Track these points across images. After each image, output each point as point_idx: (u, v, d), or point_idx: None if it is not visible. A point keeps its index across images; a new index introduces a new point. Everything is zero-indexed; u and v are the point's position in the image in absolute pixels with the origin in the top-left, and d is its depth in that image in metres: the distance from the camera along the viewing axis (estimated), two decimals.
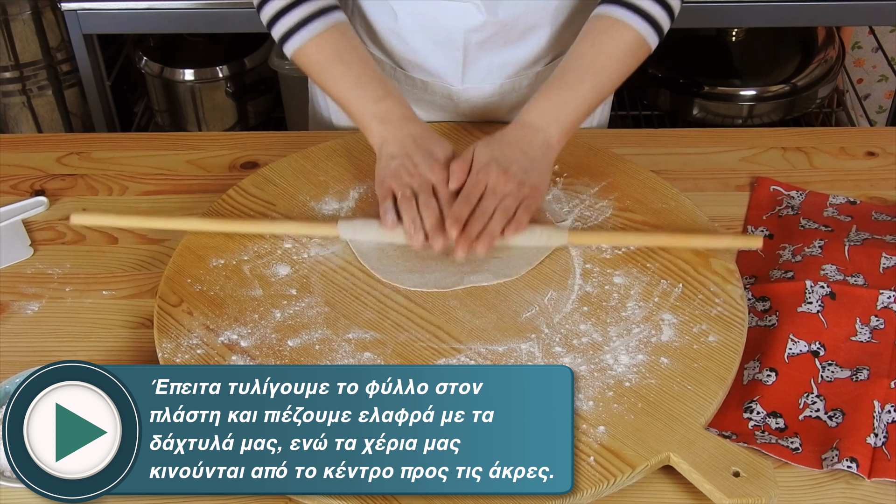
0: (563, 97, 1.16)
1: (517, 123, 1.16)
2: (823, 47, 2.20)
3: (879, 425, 0.96)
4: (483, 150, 1.14)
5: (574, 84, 1.16)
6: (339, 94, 1.20)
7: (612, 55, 1.17)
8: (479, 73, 1.31)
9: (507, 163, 1.12)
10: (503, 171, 1.11)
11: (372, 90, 1.18)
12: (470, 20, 1.24)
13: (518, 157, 1.12)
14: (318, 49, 1.19)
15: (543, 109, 1.16)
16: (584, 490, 0.90)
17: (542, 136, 1.14)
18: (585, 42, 1.18)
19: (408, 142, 1.15)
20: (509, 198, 1.10)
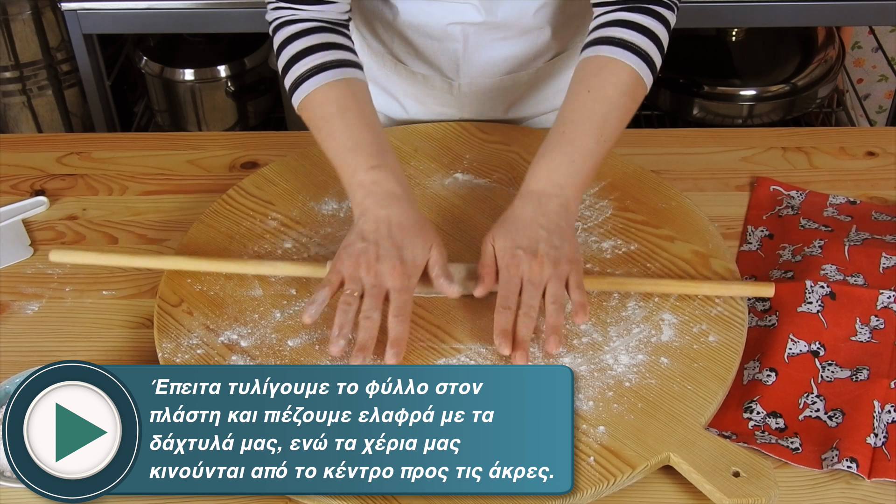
0: (568, 156, 1.08)
1: (527, 195, 1.08)
2: (823, 47, 2.20)
3: (879, 425, 0.96)
4: (501, 240, 1.05)
5: (575, 140, 1.09)
6: (333, 152, 1.12)
7: (610, 99, 1.10)
8: (479, 68, 1.31)
9: (532, 245, 1.04)
10: (533, 257, 1.03)
11: (366, 157, 1.09)
12: (468, 19, 1.24)
13: (542, 234, 1.05)
14: (323, 101, 1.12)
15: (550, 174, 1.08)
16: (584, 490, 0.90)
17: (557, 200, 1.07)
18: (580, 89, 1.12)
19: (383, 226, 1.05)
20: (553, 283, 1.02)
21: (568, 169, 1.08)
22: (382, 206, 1.06)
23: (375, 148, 1.10)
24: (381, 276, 1.02)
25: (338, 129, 1.11)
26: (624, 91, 1.10)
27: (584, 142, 1.09)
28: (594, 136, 1.09)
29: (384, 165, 1.09)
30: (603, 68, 1.11)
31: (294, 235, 1.17)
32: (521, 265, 1.03)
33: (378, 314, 1.00)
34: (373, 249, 1.03)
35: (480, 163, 1.28)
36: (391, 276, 1.02)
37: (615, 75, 1.11)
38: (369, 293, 1.01)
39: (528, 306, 1.01)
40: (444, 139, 1.32)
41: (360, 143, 1.10)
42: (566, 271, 1.03)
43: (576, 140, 1.09)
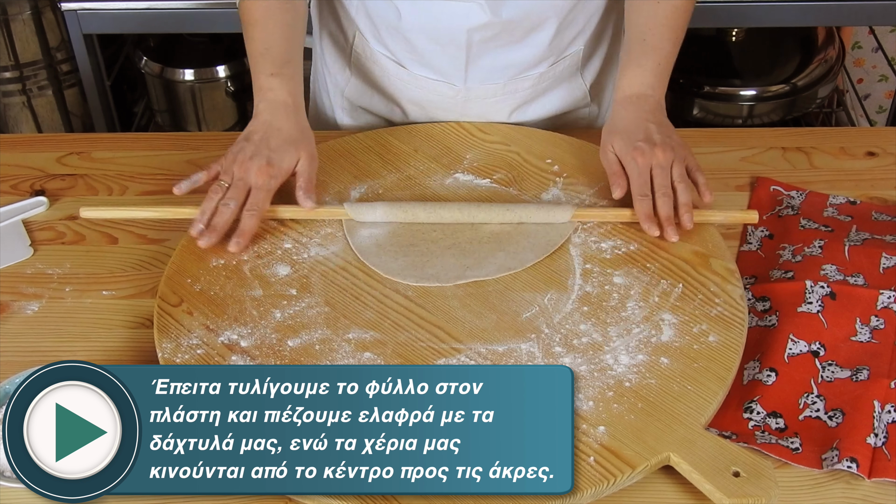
0: (654, 61, 1.20)
1: (624, 99, 1.20)
2: (823, 47, 2.20)
3: (879, 425, 0.96)
4: (619, 140, 1.16)
5: (658, 45, 1.21)
6: (249, 55, 1.22)
7: (678, 7, 1.22)
8: (482, 73, 1.31)
9: (649, 138, 1.15)
10: (654, 146, 1.14)
11: (269, 64, 1.19)
12: (473, 20, 1.24)
13: (650, 128, 1.16)
14: (253, 6, 1.22)
15: (641, 78, 1.20)
16: (584, 490, 0.90)
17: (652, 100, 1.19)
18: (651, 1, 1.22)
19: (263, 130, 1.16)
20: (676, 166, 1.14)
21: (656, 72, 1.21)
22: (269, 112, 1.18)
23: (280, 58, 1.20)
24: (247, 172, 1.14)
25: (256, 35, 1.22)
26: (688, 6, 1.23)
27: (664, 47, 1.21)
28: (672, 40, 1.22)
29: (282, 74, 1.19)
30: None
31: (294, 235, 1.17)
32: (646, 154, 1.14)
33: (235, 204, 1.12)
34: (249, 149, 1.15)
35: (480, 163, 1.28)
36: (256, 174, 1.13)
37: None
38: (234, 185, 1.13)
39: (663, 186, 1.13)
40: (444, 139, 1.32)
41: (268, 49, 1.20)
42: (684, 154, 1.15)
43: (658, 46, 1.21)
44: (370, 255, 1.13)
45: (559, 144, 1.30)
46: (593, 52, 1.37)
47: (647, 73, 1.21)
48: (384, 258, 1.12)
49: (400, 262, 1.12)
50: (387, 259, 1.12)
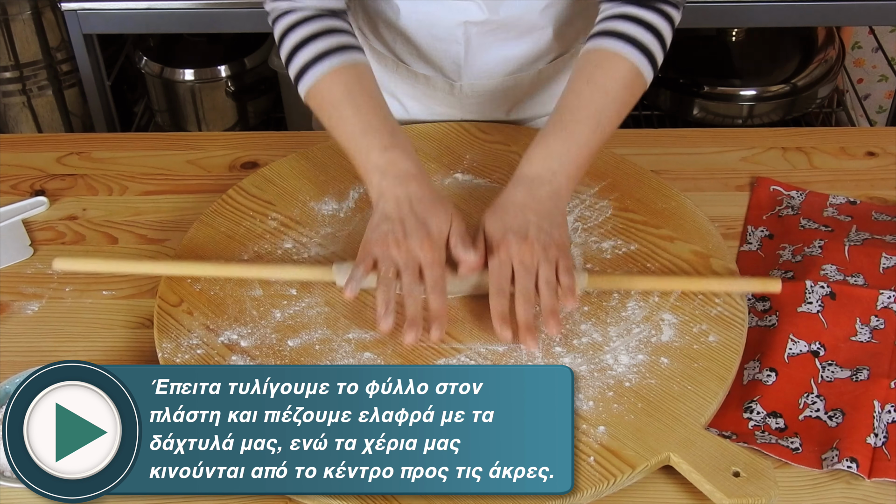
0: (565, 144, 1.10)
1: (519, 178, 1.09)
2: (823, 47, 2.20)
3: (879, 425, 0.96)
4: (492, 223, 1.06)
5: (572, 128, 1.10)
6: (345, 138, 1.13)
7: (609, 92, 1.11)
8: (481, 70, 1.31)
9: (523, 229, 1.04)
10: (523, 240, 1.03)
11: (379, 138, 1.10)
12: (471, 17, 1.24)
13: (532, 219, 1.05)
14: (331, 87, 1.13)
15: (545, 159, 1.09)
16: (584, 490, 0.90)
17: (549, 187, 1.08)
18: (580, 80, 1.13)
19: (405, 204, 1.06)
20: (543, 266, 1.03)
21: (563, 156, 1.09)
22: (400, 185, 1.07)
23: (387, 129, 1.11)
24: (412, 252, 1.04)
25: (348, 114, 1.12)
26: (623, 84, 1.12)
27: (580, 130, 1.10)
28: (591, 127, 1.10)
29: (396, 145, 1.10)
30: (604, 60, 1.12)
31: (294, 235, 1.17)
32: (511, 248, 1.03)
33: (419, 289, 1.03)
34: (399, 227, 1.05)
35: (480, 163, 1.28)
36: (422, 250, 1.04)
37: (615, 68, 1.12)
38: (405, 270, 1.03)
39: (523, 288, 1.02)
40: (444, 139, 1.32)
41: (371, 125, 1.11)
42: (555, 255, 1.04)
43: (573, 128, 1.10)
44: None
45: None
46: None
47: (552, 156, 1.09)
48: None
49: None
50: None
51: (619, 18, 1.13)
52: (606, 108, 1.11)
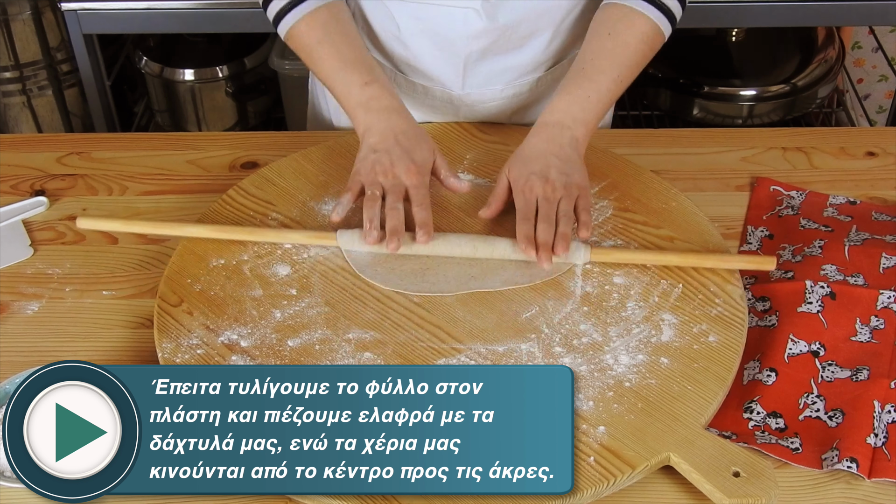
0: (585, 92, 1.15)
1: (541, 125, 1.15)
2: (823, 47, 2.20)
3: (879, 425, 0.96)
4: (516, 167, 1.14)
5: (594, 77, 1.15)
6: (325, 75, 1.19)
7: (629, 45, 1.16)
8: (480, 79, 1.31)
9: (545, 171, 1.11)
10: (545, 181, 1.11)
11: (358, 74, 1.17)
12: (470, 26, 1.23)
13: (554, 162, 1.12)
14: (308, 28, 1.19)
15: (566, 107, 1.15)
16: (584, 490, 0.90)
17: (569, 133, 1.14)
18: (601, 32, 1.17)
19: (389, 136, 1.14)
20: (564, 201, 1.10)
21: (584, 104, 1.14)
22: (383, 120, 1.15)
23: (365, 65, 1.18)
24: (398, 178, 1.12)
25: (326, 53, 1.18)
26: (642, 39, 1.16)
27: (601, 80, 1.15)
28: (611, 76, 1.15)
29: (376, 80, 1.17)
30: (624, 16, 1.17)
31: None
32: (535, 188, 1.10)
33: (402, 206, 1.10)
34: (385, 157, 1.12)
35: (480, 163, 1.28)
36: (407, 175, 1.12)
37: (635, 24, 1.17)
38: (390, 191, 1.11)
39: (545, 215, 1.09)
40: (444, 139, 1.32)
41: (349, 62, 1.17)
42: (576, 194, 1.10)
43: (594, 78, 1.15)
44: (367, 269, 1.11)
45: None
46: None
47: (573, 103, 1.15)
48: (380, 270, 1.11)
49: (398, 271, 1.11)
50: (383, 271, 1.11)
51: None
52: (627, 60, 1.16)
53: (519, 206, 1.11)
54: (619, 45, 1.16)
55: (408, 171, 1.12)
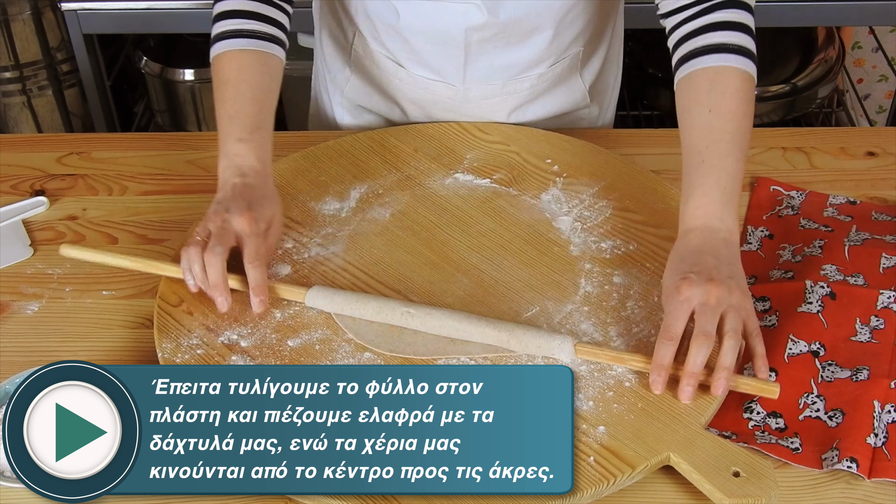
0: (719, 185, 1.04)
1: (689, 233, 1.03)
2: (823, 47, 2.20)
3: (879, 425, 0.96)
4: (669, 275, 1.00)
5: (719, 164, 1.04)
6: (217, 117, 1.16)
7: (734, 112, 1.06)
8: (481, 74, 1.31)
9: (707, 272, 0.98)
10: (708, 280, 0.97)
11: (239, 129, 1.13)
12: (471, 20, 1.23)
13: (714, 263, 0.99)
14: (227, 63, 1.16)
15: (707, 207, 1.03)
16: (584, 490, 0.90)
17: (722, 234, 1.02)
18: (701, 112, 1.07)
19: (235, 190, 1.09)
20: (730, 313, 0.95)
21: (721, 197, 1.03)
22: (238, 176, 1.10)
23: (251, 122, 1.14)
24: (227, 222, 1.06)
25: (227, 95, 1.15)
26: (742, 98, 1.07)
27: (726, 164, 1.05)
28: (734, 156, 1.05)
29: (251, 140, 1.12)
30: (714, 82, 1.07)
31: (294, 235, 1.17)
32: (694, 287, 0.96)
33: (221, 249, 1.03)
34: (222, 206, 1.07)
35: (480, 163, 1.28)
36: (239, 221, 1.05)
37: (729, 85, 1.07)
38: (216, 235, 1.05)
39: (705, 331, 0.94)
40: (444, 139, 1.32)
41: (239, 113, 1.14)
42: (743, 306, 0.96)
43: (720, 165, 1.04)
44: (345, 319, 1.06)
45: (559, 144, 1.30)
46: (593, 52, 1.36)
47: (713, 202, 1.03)
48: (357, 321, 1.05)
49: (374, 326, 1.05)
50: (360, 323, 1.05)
51: (701, 32, 1.09)
52: (739, 130, 1.06)
53: (667, 315, 0.96)
54: (724, 118, 1.05)
55: (240, 217, 1.05)
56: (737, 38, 1.08)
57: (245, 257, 1.05)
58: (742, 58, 1.08)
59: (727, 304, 0.96)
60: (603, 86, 1.42)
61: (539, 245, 1.15)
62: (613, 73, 1.44)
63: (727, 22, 1.09)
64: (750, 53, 1.09)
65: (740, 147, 1.06)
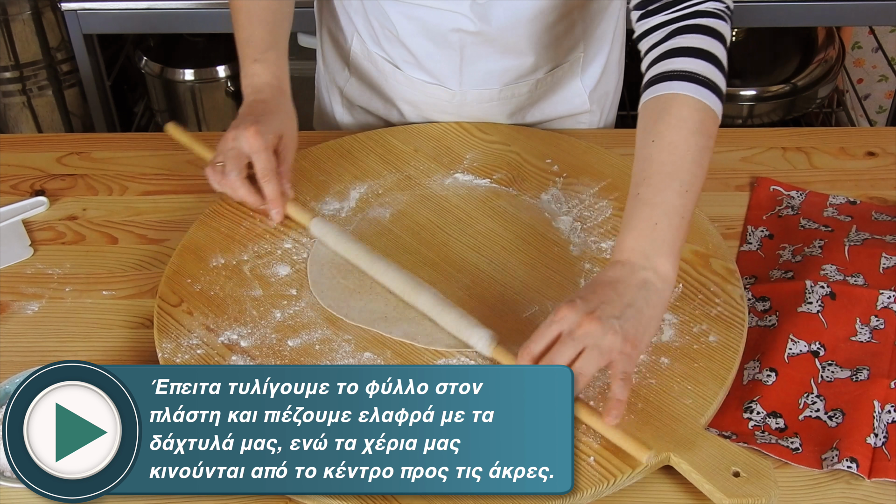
0: (649, 220, 0.97)
1: (612, 264, 0.97)
2: (823, 47, 2.20)
3: (879, 425, 0.96)
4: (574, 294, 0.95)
5: (652, 200, 0.97)
6: (236, 42, 1.24)
7: (677, 144, 0.98)
8: (477, 78, 1.31)
9: (594, 303, 0.92)
10: (588, 313, 0.91)
11: (252, 50, 1.20)
12: (463, 26, 1.24)
13: (612, 298, 0.93)
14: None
15: (634, 243, 0.97)
16: (584, 490, 0.90)
17: (641, 275, 0.95)
18: (645, 141, 1.00)
19: (249, 107, 1.17)
20: (590, 353, 0.90)
21: (652, 235, 0.96)
22: (254, 93, 1.19)
23: (263, 44, 1.21)
24: (237, 140, 1.12)
25: (240, 22, 1.23)
26: (691, 130, 0.98)
27: (662, 200, 0.97)
28: (673, 190, 0.97)
29: (265, 60, 1.20)
30: (662, 111, 1.00)
31: (294, 235, 1.17)
32: (570, 314, 0.91)
33: (235, 172, 1.13)
34: (236, 123, 1.14)
35: (480, 163, 1.28)
36: (245, 137, 1.12)
37: (677, 115, 0.99)
38: (228, 156, 1.13)
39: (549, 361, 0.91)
40: (444, 139, 1.32)
41: (252, 37, 1.21)
42: (615, 349, 0.90)
43: (653, 201, 0.97)
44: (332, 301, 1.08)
45: (559, 144, 1.30)
46: (592, 58, 1.36)
47: (639, 238, 0.96)
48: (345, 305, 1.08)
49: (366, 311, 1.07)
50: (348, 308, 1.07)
51: (665, 57, 1.02)
52: (683, 162, 0.98)
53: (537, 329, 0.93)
54: (665, 150, 0.98)
55: (248, 136, 1.11)
56: (698, 65, 1.00)
57: (257, 174, 1.13)
58: (698, 86, 1.00)
59: (592, 342, 0.90)
60: (603, 91, 1.41)
61: (539, 245, 1.15)
62: (614, 78, 1.43)
63: (691, 48, 1.01)
64: (709, 83, 1.00)
65: (680, 181, 0.97)
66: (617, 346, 0.91)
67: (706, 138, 1.00)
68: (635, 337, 0.92)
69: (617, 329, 0.91)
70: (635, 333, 0.92)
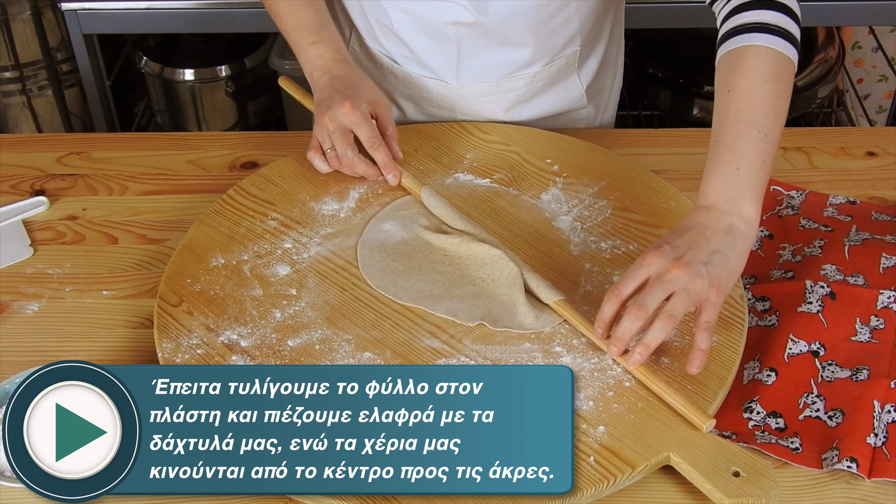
0: (730, 166, 1.00)
1: (696, 210, 1.00)
2: (823, 47, 2.20)
3: (879, 425, 0.96)
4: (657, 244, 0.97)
5: (732, 146, 1.00)
6: (283, 32, 1.27)
7: (754, 93, 1.01)
8: (474, 72, 1.31)
9: (682, 248, 0.95)
10: (676, 258, 0.94)
11: (307, 34, 1.23)
12: (460, 18, 1.24)
13: (699, 244, 0.95)
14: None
15: (717, 188, 0.99)
16: (584, 490, 0.90)
17: (727, 220, 0.98)
18: (721, 92, 1.04)
19: (329, 86, 1.20)
20: (679, 297, 0.93)
21: (734, 179, 0.99)
22: (325, 73, 1.22)
23: (314, 24, 1.24)
24: (337, 119, 1.17)
25: (281, 10, 1.25)
26: (766, 77, 1.02)
27: (742, 146, 1.00)
28: (752, 136, 1.00)
29: (321, 40, 1.23)
30: (737, 62, 1.04)
31: (294, 235, 1.17)
32: (659, 258, 0.94)
33: (350, 150, 1.19)
34: (324, 106, 1.19)
35: (480, 163, 1.28)
36: (344, 115, 1.17)
37: (752, 64, 1.02)
38: (334, 137, 1.18)
39: (643, 304, 0.93)
40: (444, 139, 1.32)
41: (300, 22, 1.24)
42: (703, 295, 0.93)
43: (733, 147, 1.00)
44: (381, 281, 1.11)
45: (559, 144, 1.30)
46: (589, 53, 1.36)
47: (722, 183, 0.99)
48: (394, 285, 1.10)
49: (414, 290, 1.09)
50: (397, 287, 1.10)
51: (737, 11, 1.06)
52: (760, 109, 1.01)
53: (625, 272, 0.96)
54: (741, 98, 1.01)
55: (342, 109, 1.16)
56: (770, 16, 1.04)
57: (364, 145, 1.18)
58: (770, 35, 1.03)
59: (681, 287, 0.93)
60: (600, 86, 1.42)
61: (539, 245, 1.15)
62: (611, 74, 1.43)
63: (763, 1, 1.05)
64: (782, 31, 1.03)
65: (759, 127, 1.00)
66: (704, 292, 0.94)
67: (782, 83, 1.03)
68: (720, 283, 0.95)
69: (704, 275, 0.93)
70: (721, 280, 0.95)
